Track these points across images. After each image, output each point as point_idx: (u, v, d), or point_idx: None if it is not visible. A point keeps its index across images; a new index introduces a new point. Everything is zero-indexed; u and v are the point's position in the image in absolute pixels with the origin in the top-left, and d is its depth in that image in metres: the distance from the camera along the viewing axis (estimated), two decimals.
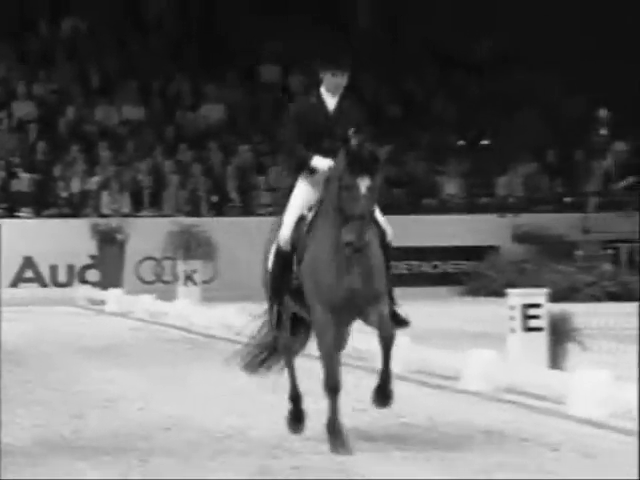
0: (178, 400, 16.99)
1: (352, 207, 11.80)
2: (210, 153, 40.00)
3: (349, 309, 12.47)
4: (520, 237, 36.74)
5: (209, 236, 32.86)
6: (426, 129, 42.10)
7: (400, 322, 13.10)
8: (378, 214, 12.70)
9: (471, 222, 37.25)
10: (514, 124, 41.58)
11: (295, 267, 12.66)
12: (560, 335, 18.67)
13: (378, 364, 13.50)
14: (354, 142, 12.03)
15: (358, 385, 15.81)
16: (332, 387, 12.59)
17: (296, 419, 13.69)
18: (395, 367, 19.94)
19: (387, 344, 12.68)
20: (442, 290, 35.64)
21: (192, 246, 32.42)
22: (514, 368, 18.04)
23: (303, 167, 12.85)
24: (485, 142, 43.97)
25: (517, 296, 19.30)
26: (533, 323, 18.96)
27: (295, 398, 13.72)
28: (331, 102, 12.78)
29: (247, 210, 38.26)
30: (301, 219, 12.78)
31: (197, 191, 38.59)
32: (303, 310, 12.90)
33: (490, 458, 12.92)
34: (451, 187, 40.21)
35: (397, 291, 13.27)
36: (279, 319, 13.09)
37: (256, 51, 43.59)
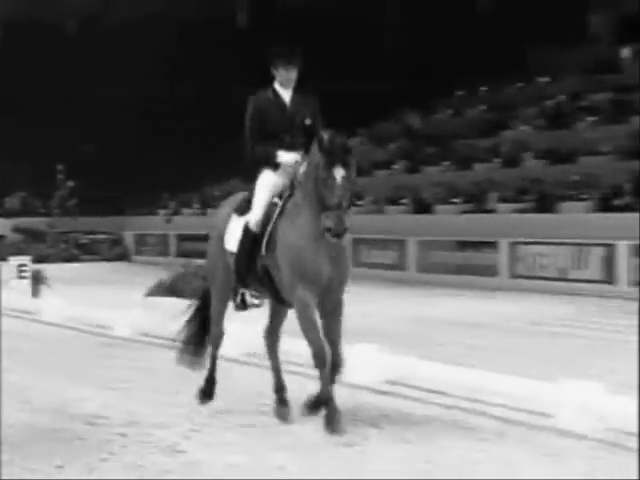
0: None
1: (330, 197, 7.46)
2: None
3: (323, 291, 7.74)
4: (17, 230, 36.43)
5: None
6: None
7: None
8: None
9: None
10: None
11: (263, 249, 7.93)
12: (37, 280, 18.87)
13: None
14: (326, 136, 7.63)
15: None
16: (321, 358, 7.62)
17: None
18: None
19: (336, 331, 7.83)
20: None
21: None
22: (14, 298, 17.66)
23: (268, 163, 8.09)
24: None
25: (14, 260, 19.25)
26: (23, 274, 19.04)
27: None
28: (286, 96, 8.16)
29: None
30: (271, 205, 8.01)
31: None
32: (263, 290, 8.14)
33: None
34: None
35: None
36: (243, 301, 8.19)
37: None
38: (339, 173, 7.51)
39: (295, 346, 8.93)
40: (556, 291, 20.35)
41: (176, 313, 9.32)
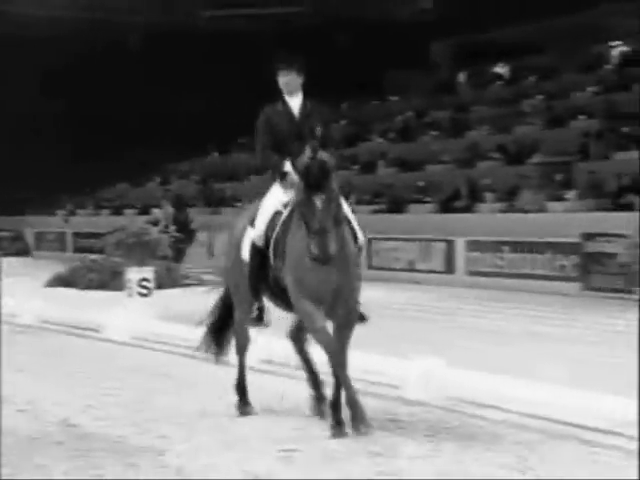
0: None
1: (311, 222, 6.31)
2: None
3: (329, 304, 6.64)
4: None
5: None
6: None
7: (360, 317, 7.06)
8: (352, 217, 7.02)
9: None
10: None
11: (272, 261, 6.83)
12: None
13: None
14: (306, 156, 6.41)
15: None
16: (340, 364, 6.64)
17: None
18: None
19: (345, 339, 6.78)
20: None
21: None
22: None
23: (277, 172, 6.97)
24: None
25: None
26: None
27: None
28: (294, 104, 7.05)
29: None
30: (276, 214, 6.88)
31: None
32: (278, 302, 7.08)
33: None
34: None
35: None
36: (260, 314, 7.07)
37: None
38: (318, 198, 6.34)
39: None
40: (406, 280, 20.72)
41: (72, 302, 9.17)
